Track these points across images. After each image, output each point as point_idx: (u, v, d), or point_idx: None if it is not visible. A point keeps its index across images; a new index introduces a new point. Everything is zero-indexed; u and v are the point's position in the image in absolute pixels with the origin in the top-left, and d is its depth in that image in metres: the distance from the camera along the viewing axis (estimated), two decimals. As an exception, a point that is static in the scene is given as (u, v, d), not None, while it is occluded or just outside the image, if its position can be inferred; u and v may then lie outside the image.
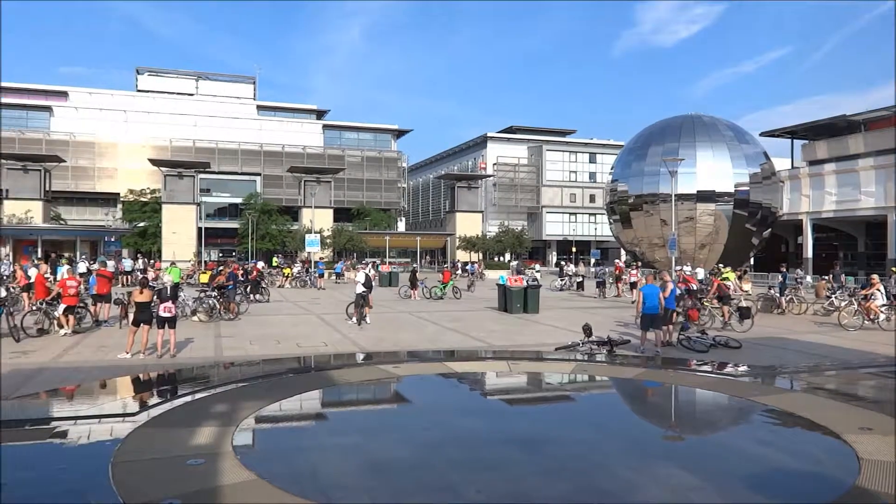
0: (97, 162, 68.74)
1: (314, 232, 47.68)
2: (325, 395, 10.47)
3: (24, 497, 5.50)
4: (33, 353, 14.03)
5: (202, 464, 6.15)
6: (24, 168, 56.04)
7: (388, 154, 79.61)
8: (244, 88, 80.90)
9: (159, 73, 78.80)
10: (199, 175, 59.60)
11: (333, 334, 17.64)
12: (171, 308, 13.86)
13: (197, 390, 10.11)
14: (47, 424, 8.32)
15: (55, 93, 72.68)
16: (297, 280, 38.65)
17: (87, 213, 68.97)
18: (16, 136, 65.76)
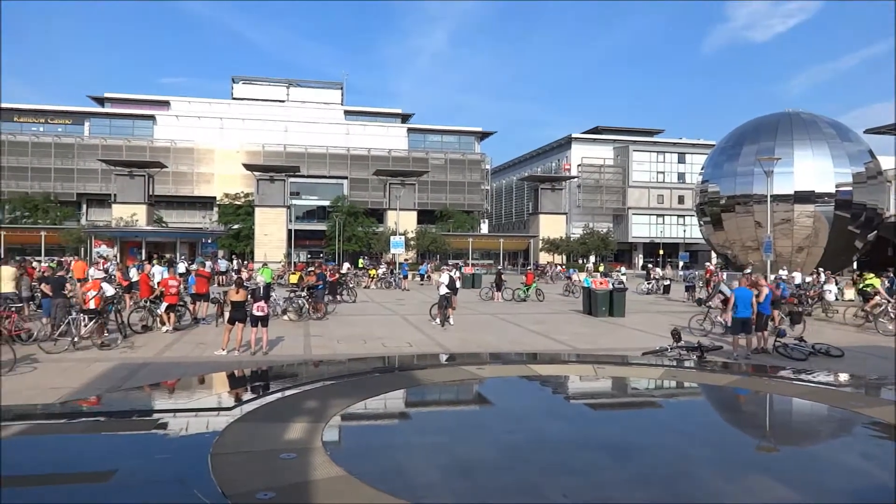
0: (195, 167, 72.38)
1: (399, 234, 48.44)
2: (410, 395, 10.60)
3: (134, 483, 5.85)
4: (139, 349, 14.90)
5: (294, 458, 6.35)
6: (130, 174, 59.76)
7: (472, 156, 79.90)
8: (332, 94, 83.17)
9: (253, 81, 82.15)
10: (289, 179, 61.71)
11: (417, 335, 17.85)
12: (263, 307, 14.41)
13: (288, 387, 10.45)
14: (151, 416, 8.82)
15: (158, 102, 77.05)
16: (383, 281, 39.37)
17: (186, 216, 72.69)
18: (123, 144, 70.17)
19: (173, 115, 74.89)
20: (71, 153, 70.05)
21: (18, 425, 8.12)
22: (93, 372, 12.21)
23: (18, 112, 71.82)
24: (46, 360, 13.15)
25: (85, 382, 11.30)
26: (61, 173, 69.42)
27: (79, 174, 69.71)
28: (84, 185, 69.94)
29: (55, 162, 69.50)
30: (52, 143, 69.77)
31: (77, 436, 7.79)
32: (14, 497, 5.72)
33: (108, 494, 5.65)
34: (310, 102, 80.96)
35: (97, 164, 66.03)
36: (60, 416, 8.79)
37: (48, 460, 6.84)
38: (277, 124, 75.87)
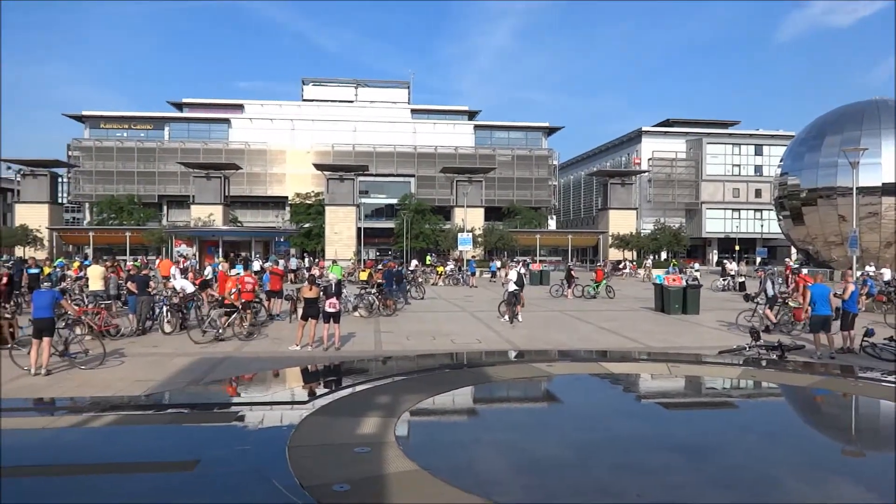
0: (268, 168, 74.52)
1: (466, 231, 48.54)
2: (480, 392, 10.61)
3: (216, 472, 6.07)
4: (218, 343, 15.46)
5: (368, 452, 6.46)
6: (207, 175, 62.06)
7: (539, 152, 79.22)
8: (399, 93, 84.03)
9: (322, 82, 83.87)
10: (358, 178, 62.71)
11: (486, 331, 17.85)
12: (336, 304, 14.71)
13: (359, 382, 10.64)
14: (231, 408, 9.14)
15: (232, 106, 79.66)
16: (450, 278, 39.54)
17: (259, 216, 74.94)
18: (200, 147, 72.93)
19: (247, 118, 77.27)
20: (152, 157, 73.34)
21: (111, 415, 8.57)
22: (176, 366, 12.76)
23: (104, 119, 75.73)
24: (133, 354, 13.81)
25: (169, 376, 11.81)
26: (144, 176, 72.76)
27: (160, 177, 72.90)
28: (165, 188, 73.12)
29: (138, 166, 72.91)
30: (135, 148, 73.22)
31: (163, 426, 8.16)
32: (107, 482, 6.05)
33: (193, 482, 5.89)
34: (377, 102, 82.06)
35: (177, 167, 68.91)
36: (148, 407, 9.21)
37: (138, 448, 7.20)
38: (346, 124, 77.23)
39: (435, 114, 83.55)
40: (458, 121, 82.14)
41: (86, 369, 12.25)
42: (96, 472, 6.35)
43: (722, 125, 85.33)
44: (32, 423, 8.93)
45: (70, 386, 11.00)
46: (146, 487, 5.87)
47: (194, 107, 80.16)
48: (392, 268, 27.09)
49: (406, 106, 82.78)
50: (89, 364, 12.54)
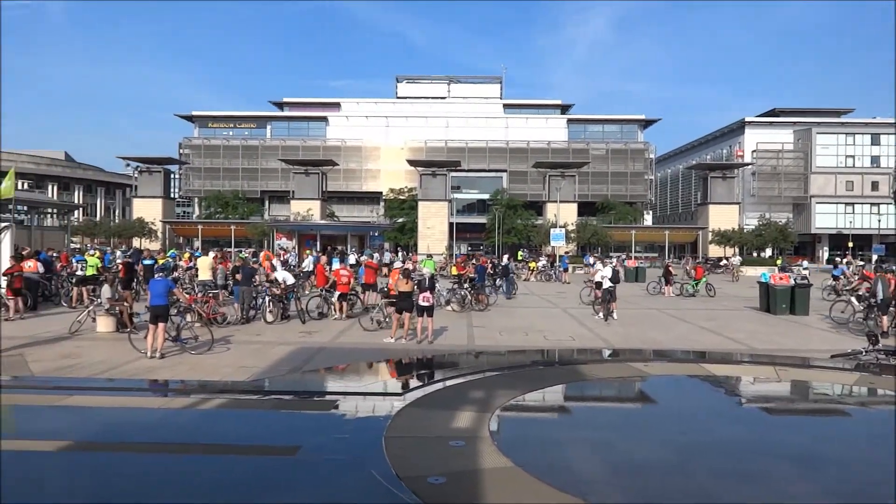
0: (364, 164, 76.31)
1: (559, 226, 47.93)
2: (575, 389, 10.44)
3: (316, 459, 6.27)
4: (316, 334, 15.99)
5: (462, 446, 6.48)
6: (305, 172, 64.29)
7: (635, 145, 77.13)
8: (491, 88, 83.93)
9: (415, 80, 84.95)
10: (450, 173, 63.15)
11: (579, 328, 17.57)
12: (429, 298, 14.88)
13: (453, 376, 10.70)
14: (329, 397, 9.42)
15: (330, 104, 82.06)
16: (542, 274, 39.16)
17: (355, 211, 76.89)
18: (299, 145, 75.60)
19: (343, 116, 79.38)
20: (255, 154, 76.70)
21: (219, 399, 9.02)
22: (277, 354, 13.28)
23: (212, 119, 79.88)
24: (238, 342, 14.49)
25: (271, 363, 12.32)
26: (248, 173, 76.21)
27: (262, 173, 76.16)
28: (266, 183, 76.30)
29: (242, 162, 76.44)
30: (239, 146, 76.79)
31: (266, 412, 8.50)
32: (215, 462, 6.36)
33: (295, 467, 6.10)
34: (470, 98, 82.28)
35: (277, 164, 71.80)
36: (252, 392, 9.63)
37: (244, 432, 7.53)
38: (439, 120, 77.92)
39: (527, 108, 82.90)
40: (550, 115, 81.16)
41: (195, 354, 12.96)
42: (206, 451, 6.69)
43: (833, 114, 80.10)
44: (149, 402, 9.54)
45: (181, 369, 11.67)
46: (251, 469, 6.13)
47: (294, 105, 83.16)
48: (484, 263, 27.14)
49: (498, 101, 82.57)
50: (199, 349, 13.27)
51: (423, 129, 76.80)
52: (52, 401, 9.11)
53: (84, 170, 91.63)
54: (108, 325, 15.62)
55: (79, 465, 6.47)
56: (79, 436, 7.37)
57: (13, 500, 5.46)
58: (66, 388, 9.65)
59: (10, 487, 5.78)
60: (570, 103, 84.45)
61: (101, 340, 14.72)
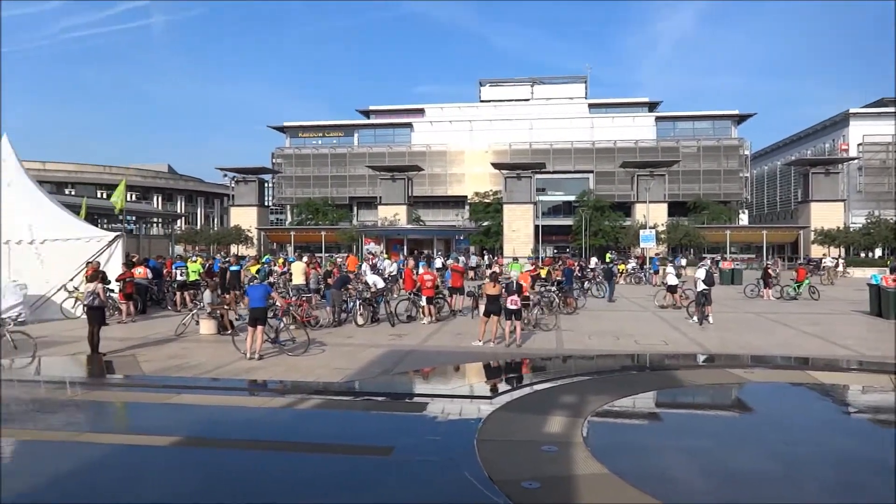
0: (448, 169, 76.91)
1: (648, 227, 46.70)
2: (669, 396, 10.16)
3: (410, 459, 6.37)
4: (405, 337, 16.21)
5: (555, 451, 6.44)
6: (392, 178, 65.48)
7: (728, 142, 74.12)
8: (576, 88, 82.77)
9: (499, 83, 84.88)
10: (535, 175, 62.73)
11: (673, 333, 17.04)
12: (517, 301, 14.81)
13: (543, 380, 10.64)
14: (421, 399, 9.55)
15: (414, 111, 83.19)
16: (632, 276, 38.25)
17: (440, 215, 77.56)
18: (385, 151, 77.07)
19: (427, 122, 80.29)
20: (343, 162, 78.82)
21: (315, 399, 9.34)
22: (368, 356, 13.57)
23: (302, 129, 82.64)
24: (331, 344, 14.90)
25: (362, 365, 12.59)
26: (336, 180, 78.42)
27: (350, 180, 78.16)
28: (354, 190, 78.23)
29: (331, 170, 78.70)
30: (328, 154, 79.10)
31: (360, 412, 8.73)
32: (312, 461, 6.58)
33: (390, 467, 6.23)
34: (554, 99, 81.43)
35: (365, 171, 73.48)
36: (346, 393, 9.90)
37: (339, 431, 7.77)
38: (523, 123, 77.54)
39: (613, 107, 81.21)
40: (637, 113, 79.18)
41: (292, 356, 13.43)
42: (304, 450, 6.95)
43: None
44: (250, 401, 9.99)
45: (279, 370, 12.12)
46: (348, 468, 6.32)
47: (380, 113, 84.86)
48: (571, 266, 26.79)
49: (583, 101, 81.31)
50: (295, 351, 13.74)
51: (506, 132, 76.62)
52: (162, 398, 9.71)
53: (185, 181, 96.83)
54: (210, 328, 16.43)
55: (187, 459, 6.87)
56: (187, 432, 7.83)
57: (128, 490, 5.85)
58: (175, 387, 10.26)
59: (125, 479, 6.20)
60: (657, 100, 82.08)
61: (204, 342, 15.50)
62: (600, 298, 26.62)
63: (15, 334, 12.67)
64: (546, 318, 18.44)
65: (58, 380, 10.79)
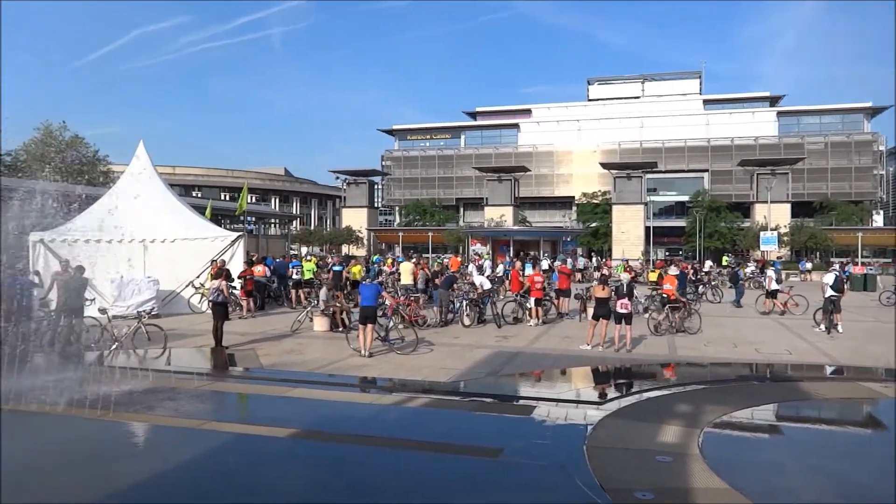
0: (555, 169, 76.06)
1: (769, 229, 44.16)
2: (794, 409, 9.54)
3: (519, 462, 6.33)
4: (511, 339, 16.15)
5: (670, 462, 6.20)
6: (498, 178, 65.51)
7: (860, 137, 68.81)
8: (689, 84, 79.59)
9: (608, 81, 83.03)
10: (645, 175, 60.85)
11: (798, 342, 16.00)
12: (627, 304, 14.40)
13: (655, 387, 10.29)
14: (529, 402, 9.46)
15: (521, 111, 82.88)
16: (751, 281, 36.25)
17: (547, 216, 76.82)
18: (492, 152, 77.23)
19: (534, 122, 79.75)
20: (450, 163, 79.71)
21: (423, 398, 9.47)
22: (475, 357, 13.62)
23: (410, 131, 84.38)
24: (438, 344, 15.07)
25: (469, 366, 12.65)
26: (443, 181, 79.43)
27: (457, 181, 78.92)
28: (461, 191, 78.92)
29: (438, 172, 79.79)
30: (435, 156, 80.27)
31: (468, 413, 8.77)
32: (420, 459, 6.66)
33: (498, 469, 6.22)
34: (666, 96, 78.66)
35: (471, 172, 73.93)
36: (454, 393, 9.98)
37: (447, 431, 7.84)
38: (633, 121, 75.43)
39: (730, 103, 77.39)
40: (757, 108, 75.01)
41: (401, 354, 13.70)
42: (414, 447, 7.06)
43: None
44: (362, 398, 10.28)
45: (388, 368, 12.40)
46: (457, 467, 6.36)
47: (486, 114, 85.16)
48: (685, 269, 25.76)
49: (697, 97, 78.01)
50: (404, 350, 14.01)
51: (616, 131, 74.81)
52: (280, 391, 10.17)
53: (301, 184, 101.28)
54: (323, 325, 17.06)
55: (303, 451, 7.15)
56: (302, 425, 8.15)
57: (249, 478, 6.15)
58: (291, 381, 10.72)
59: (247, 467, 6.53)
60: (779, 94, 77.51)
61: (317, 338, 16.11)
62: (716, 304, 25.43)
63: (149, 326, 13.63)
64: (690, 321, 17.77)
65: (186, 370, 11.55)
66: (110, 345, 12.76)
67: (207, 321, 15.23)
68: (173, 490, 5.76)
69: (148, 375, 10.72)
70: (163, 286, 19.19)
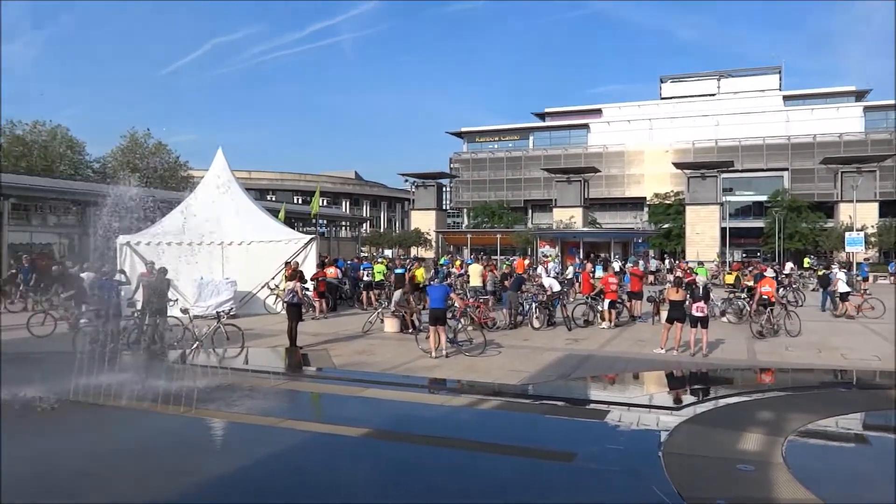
0: (626, 169, 74.61)
1: (856, 229, 42.01)
2: (884, 418, 9.02)
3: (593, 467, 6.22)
4: (582, 341, 15.93)
5: (752, 472, 5.97)
6: (567, 180, 64.80)
7: (955, 132, 64.58)
8: (768, 80, 76.60)
9: (681, 78, 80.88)
10: (721, 174, 58.98)
11: (888, 347, 15.13)
12: (703, 307, 13.97)
13: (734, 393, 9.94)
14: (601, 406, 9.30)
15: (591, 111, 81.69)
16: (837, 283, 34.56)
17: (617, 217, 75.41)
18: (561, 153, 76.43)
19: (605, 122, 78.44)
20: (519, 165, 79.33)
21: (494, 400, 9.44)
22: (545, 360, 13.49)
23: (478, 134, 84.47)
24: (507, 346, 15.01)
25: (539, 368, 12.54)
26: (511, 183, 79.11)
27: (525, 183, 78.46)
28: (529, 193, 78.41)
29: (506, 173, 79.52)
30: (503, 158, 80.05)
31: (539, 416, 8.69)
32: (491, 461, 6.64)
33: (572, 474, 6.13)
34: (743, 92, 75.91)
35: (540, 173, 73.35)
36: (524, 395, 9.91)
37: (518, 434, 7.79)
38: (708, 119, 73.14)
39: (812, 98, 73.97)
40: (842, 103, 71.44)
41: (469, 356, 13.71)
42: (485, 449, 7.04)
43: None
44: (433, 399, 10.35)
45: (458, 369, 12.42)
46: (530, 471, 6.30)
47: (555, 115, 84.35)
48: (762, 271, 24.77)
49: (776, 93, 74.96)
50: (472, 352, 14.01)
51: (690, 130, 72.70)
52: (352, 391, 10.35)
53: (370, 186, 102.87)
54: (393, 326, 17.28)
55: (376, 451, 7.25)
56: (375, 425, 8.26)
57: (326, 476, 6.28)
58: (363, 381, 10.89)
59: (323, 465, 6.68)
60: (866, 89, 73.58)
61: (388, 339, 16.31)
62: (798, 307, 24.36)
63: (228, 326, 14.11)
64: (790, 322, 17.15)
65: (262, 369, 11.90)
66: (192, 343, 13.26)
67: (282, 321, 15.65)
68: (253, 486, 5.94)
69: (227, 373, 11.09)
70: (239, 287, 19.84)
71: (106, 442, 7.53)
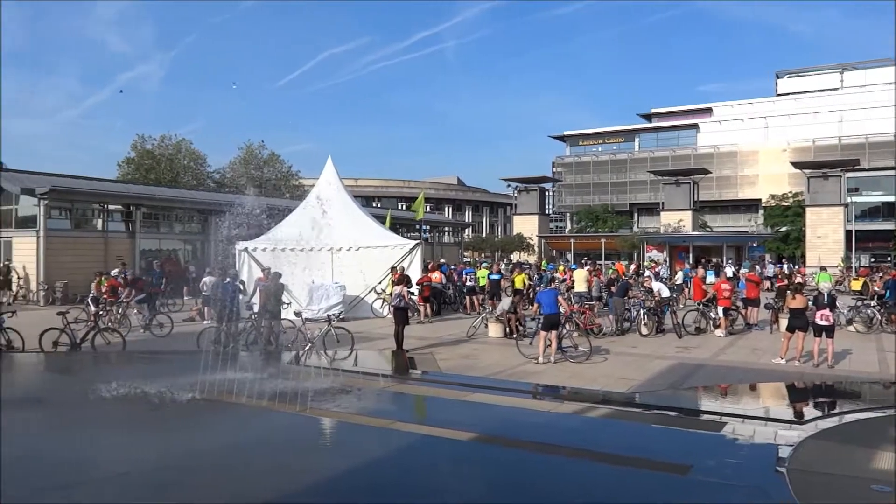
0: (739, 170, 71.22)
1: None
2: None
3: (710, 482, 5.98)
4: (694, 350, 15.33)
5: (890, 492, 5.54)
6: (676, 182, 62.53)
7: None
8: (898, 71, 70.94)
9: (799, 73, 76.31)
10: (845, 174, 55.10)
11: None
12: (828, 316, 13.10)
13: (864, 407, 9.27)
14: (717, 417, 8.92)
15: (700, 111, 78.57)
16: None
17: (730, 220, 72.05)
18: (668, 155, 73.99)
19: (715, 121, 75.20)
20: (624, 168, 77.46)
21: (602, 408, 9.27)
22: (654, 368, 13.09)
23: (581, 137, 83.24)
24: (614, 353, 14.67)
25: (648, 377, 12.18)
26: (616, 186, 77.36)
27: (631, 186, 76.49)
28: (635, 196, 76.34)
29: (611, 177, 77.85)
30: (608, 161, 78.43)
31: (651, 426, 8.44)
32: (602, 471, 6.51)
33: (689, 488, 5.92)
34: (869, 86, 70.53)
35: (646, 176, 71.19)
36: (634, 404, 9.66)
37: (629, 443, 7.60)
38: (829, 115, 68.57)
39: (953, 88, 67.86)
40: None
41: (574, 363, 13.51)
42: (596, 459, 6.92)
43: None
44: (539, 405, 10.28)
45: (563, 376, 12.27)
46: (644, 482, 6.13)
47: (662, 116, 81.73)
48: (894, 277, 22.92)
49: (909, 84, 69.34)
50: (578, 358, 13.79)
51: (809, 127, 68.41)
52: (459, 395, 10.45)
53: (472, 192, 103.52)
54: (498, 331, 17.31)
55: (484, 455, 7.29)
56: (482, 429, 8.30)
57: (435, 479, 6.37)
58: (469, 386, 10.97)
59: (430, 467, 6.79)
60: None
61: (492, 344, 16.34)
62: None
63: (338, 329, 14.60)
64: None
65: (371, 371, 12.24)
66: (304, 345, 13.83)
67: (388, 325, 16.03)
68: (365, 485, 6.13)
69: (338, 375, 11.49)
70: (348, 291, 20.49)
71: (229, 436, 7.99)
